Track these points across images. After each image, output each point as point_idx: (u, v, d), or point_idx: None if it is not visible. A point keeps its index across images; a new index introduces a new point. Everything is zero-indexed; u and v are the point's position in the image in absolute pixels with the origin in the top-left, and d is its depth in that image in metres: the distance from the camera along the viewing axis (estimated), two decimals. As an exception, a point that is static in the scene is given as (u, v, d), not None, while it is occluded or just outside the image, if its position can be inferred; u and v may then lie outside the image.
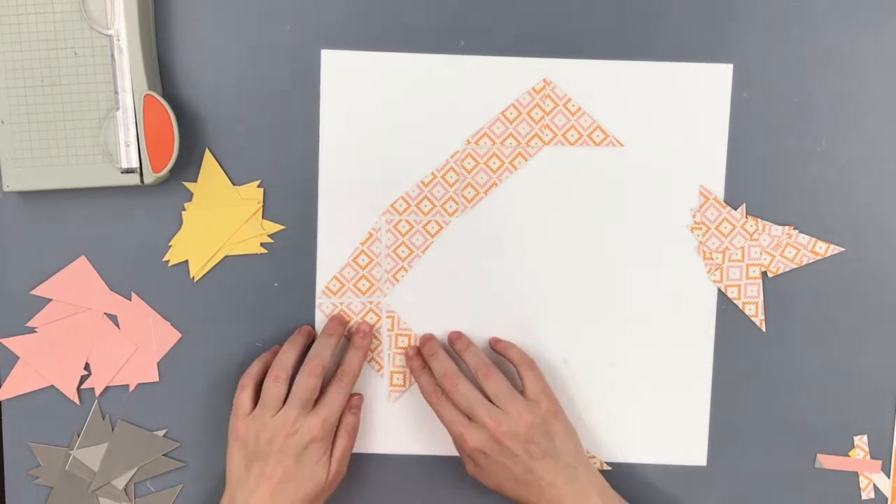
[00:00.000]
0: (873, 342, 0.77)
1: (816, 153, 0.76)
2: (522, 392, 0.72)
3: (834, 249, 0.76)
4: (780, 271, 0.76)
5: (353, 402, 0.75)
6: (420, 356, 0.75)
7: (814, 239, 0.76)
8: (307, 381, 0.71)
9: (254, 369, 0.73)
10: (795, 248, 0.76)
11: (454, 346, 0.75)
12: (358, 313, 0.76)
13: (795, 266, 0.76)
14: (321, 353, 0.72)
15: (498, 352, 0.76)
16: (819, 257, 0.76)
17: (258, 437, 0.69)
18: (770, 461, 0.78)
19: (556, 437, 0.71)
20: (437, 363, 0.74)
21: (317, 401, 0.71)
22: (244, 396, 0.72)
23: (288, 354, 0.73)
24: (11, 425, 0.77)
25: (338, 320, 0.75)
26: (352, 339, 0.75)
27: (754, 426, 0.78)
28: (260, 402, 0.71)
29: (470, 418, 0.70)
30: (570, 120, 0.76)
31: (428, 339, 0.76)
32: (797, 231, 0.76)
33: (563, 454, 0.71)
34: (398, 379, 0.77)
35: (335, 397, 0.71)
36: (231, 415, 0.72)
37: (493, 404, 0.71)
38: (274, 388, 0.71)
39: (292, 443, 0.69)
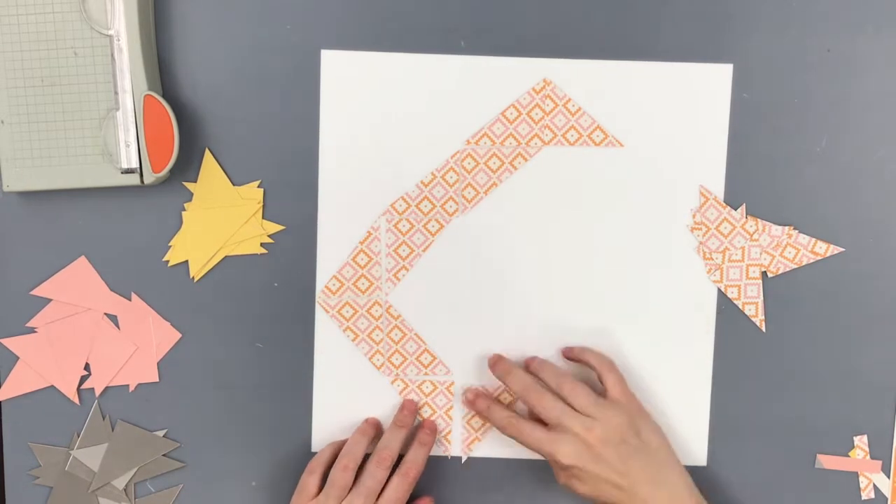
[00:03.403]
0: (873, 342, 0.77)
1: (816, 153, 0.76)
2: (603, 394, 0.72)
3: (834, 249, 0.76)
4: (780, 271, 0.76)
5: None
6: (484, 396, 0.75)
7: (814, 239, 0.76)
8: (375, 471, 0.71)
9: (324, 454, 0.74)
10: (795, 249, 0.76)
11: (529, 367, 0.75)
12: (359, 311, 0.76)
13: (795, 266, 0.76)
14: (390, 445, 0.73)
15: (572, 358, 0.75)
16: (819, 257, 0.76)
17: None
18: (770, 461, 0.78)
19: (644, 433, 0.70)
20: (516, 379, 0.73)
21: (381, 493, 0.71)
22: (311, 480, 0.72)
23: (358, 445, 0.73)
24: (11, 425, 0.77)
25: (409, 411, 0.76)
26: (418, 434, 0.75)
27: (754, 426, 0.78)
28: (325, 487, 0.71)
29: (557, 431, 0.69)
30: (570, 120, 0.76)
31: (498, 358, 0.75)
32: (797, 231, 0.76)
33: (652, 451, 0.70)
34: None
35: (398, 492, 0.71)
36: (294, 495, 0.73)
37: (580, 413, 0.70)
38: (341, 476, 0.71)
39: None
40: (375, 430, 0.75)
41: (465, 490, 0.78)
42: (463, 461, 0.77)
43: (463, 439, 0.77)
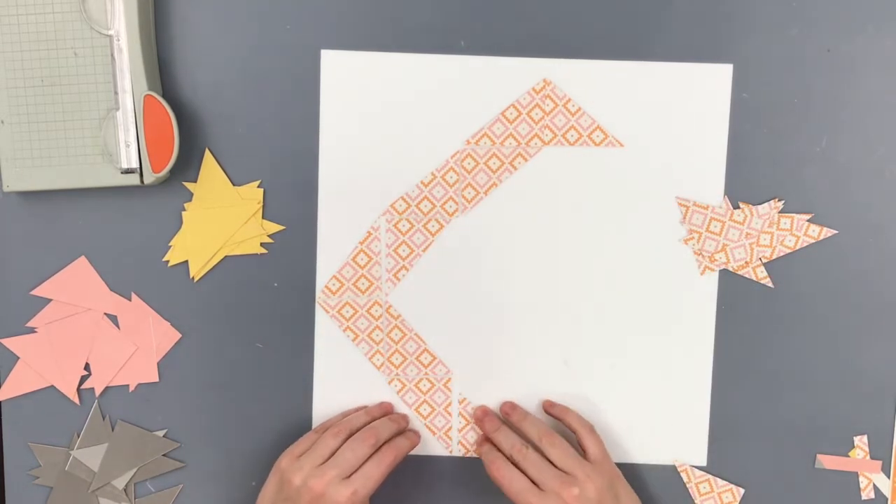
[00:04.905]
0: (873, 342, 0.77)
1: (816, 153, 0.76)
2: (584, 456, 0.72)
3: (827, 232, 0.76)
4: (775, 255, 0.76)
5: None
6: (492, 418, 0.76)
7: (803, 219, 0.76)
8: (357, 447, 0.70)
9: (336, 418, 0.75)
10: (790, 233, 0.76)
11: (510, 417, 0.75)
12: (359, 311, 0.76)
13: (789, 250, 0.76)
14: (379, 429, 0.72)
15: (553, 415, 0.76)
16: (813, 240, 0.76)
17: (291, 480, 0.69)
18: (770, 461, 0.78)
19: (622, 499, 0.71)
20: (504, 437, 0.73)
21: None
22: (312, 436, 0.72)
23: (359, 418, 0.73)
24: (11, 425, 0.77)
25: (405, 418, 0.76)
26: (406, 430, 0.76)
27: (754, 426, 0.78)
28: (313, 447, 0.71)
29: (539, 486, 0.69)
30: (569, 120, 0.76)
31: (485, 412, 0.76)
32: (782, 202, 0.76)
33: None
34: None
35: (373, 470, 0.70)
36: (293, 445, 0.72)
37: (561, 470, 0.70)
38: (331, 441, 0.71)
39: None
40: (382, 415, 0.75)
41: (464, 490, 0.78)
42: (449, 449, 0.77)
43: (459, 429, 0.77)
